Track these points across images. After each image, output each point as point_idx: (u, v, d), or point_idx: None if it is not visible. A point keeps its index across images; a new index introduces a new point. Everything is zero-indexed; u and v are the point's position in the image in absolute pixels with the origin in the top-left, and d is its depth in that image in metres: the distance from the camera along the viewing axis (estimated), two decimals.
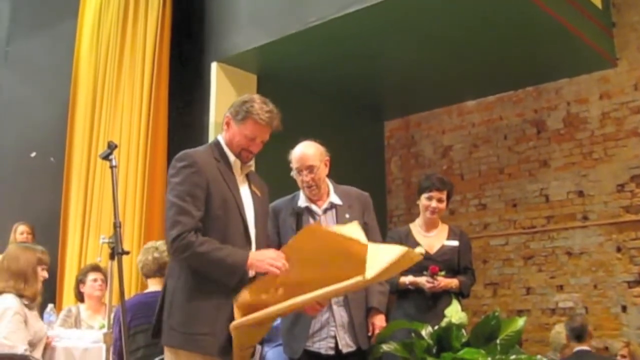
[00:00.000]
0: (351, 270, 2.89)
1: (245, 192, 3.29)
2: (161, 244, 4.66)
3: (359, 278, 2.84)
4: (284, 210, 4.03)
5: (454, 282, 4.72)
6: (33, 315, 4.49)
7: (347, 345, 3.81)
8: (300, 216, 3.90)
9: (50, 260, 7.14)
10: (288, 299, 3.00)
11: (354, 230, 3.08)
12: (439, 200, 4.82)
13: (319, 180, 3.93)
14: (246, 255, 3.05)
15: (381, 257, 2.89)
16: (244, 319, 2.98)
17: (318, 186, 3.94)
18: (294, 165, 3.96)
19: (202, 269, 3.05)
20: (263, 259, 3.04)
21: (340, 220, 3.93)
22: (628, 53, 7.69)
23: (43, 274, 4.63)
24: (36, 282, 4.50)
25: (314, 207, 3.98)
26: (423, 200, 4.86)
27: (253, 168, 3.44)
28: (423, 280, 4.65)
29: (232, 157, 3.30)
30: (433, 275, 4.63)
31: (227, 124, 3.33)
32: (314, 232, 3.19)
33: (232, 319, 3.07)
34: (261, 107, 3.27)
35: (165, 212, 3.14)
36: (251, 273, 3.10)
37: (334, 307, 3.83)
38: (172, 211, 3.07)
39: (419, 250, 3.12)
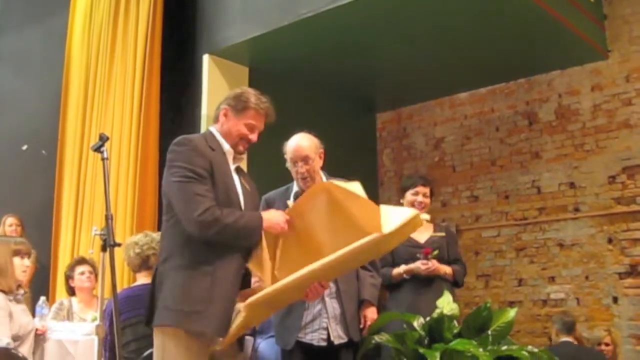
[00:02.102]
0: (361, 233, 2.95)
1: (237, 184, 3.30)
2: (140, 238, 4.64)
3: (375, 235, 2.89)
4: (278, 202, 4.02)
5: (448, 269, 4.77)
6: (20, 309, 4.48)
7: (338, 336, 3.81)
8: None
9: (43, 253, 7.22)
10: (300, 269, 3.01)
11: (358, 190, 3.17)
12: (425, 195, 4.92)
13: (314, 172, 3.92)
14: (259, 217, 3.16)
15: (394, 216, 2.94)
16: (259, 295, 2.96)
17: (312, 178, 3.93)
18: (288, 156, 3.94)
19: (230, 240, 3.09)
20: (276, 222, 3.17)
21: None
22: (620, 45, 7.70)
23: (24, 262, 4.63)
24: (11, 274, 4.50)
25: None
26: (409, 197, 4.93)
27: (244, 161, 3.45)
28: (418, 264, 4.69)
29: (226, 147, 3.31)
30: (427, 256, 4.67)
31: (225, 115, 3.35)
32: (319, 190, 3.28)
33: (226, 300, 3.07)
34: (258, 97, 3.37)
35: (174, 193, 3.10)
36: None
37: (327, 299, 3.82)
38: (186, 191, 3.05)
39: (424, 216, 3.18)
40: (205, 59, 7.31)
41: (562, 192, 7.95)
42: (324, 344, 3.80)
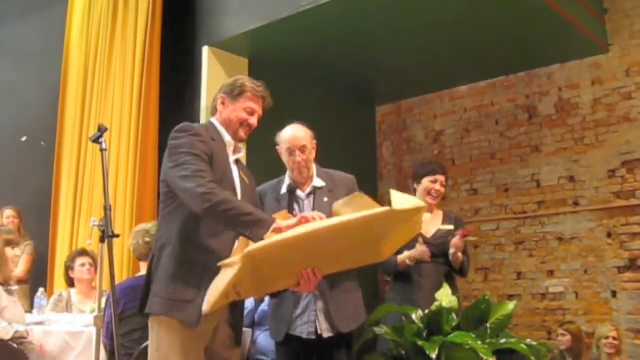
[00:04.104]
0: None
1: (236, 175, 3.30)
2: (152, 227, 4.64)
3: (386, 208, 2.80)
4: (270, 194, 4.01)
5: (461, 256, 4.68)
6: (11, 301, 4.47)
7: (327, 329, 3.78)
8: (293, 194, 3.88)
9: (41, 244, 7.21)
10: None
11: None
12: (442, 184, 4.83)
13: (310, 162, 3.93)
14: (271, 219, 2.92)
15: (403, 200, 2.88)
16: (261, 244, 2.80)
17: (308, 168, 3.93)
18: (284, 146, 3.91)
19: (230, 221, 2.95)
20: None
21: (317, 203, 3.90)
22: (620, 39, 7.68)
23: (15, 252, 4.61)
24: (6, 265, 4.49)
25: (298, 191, 3.96)
26: (426, 183, 4.82)
27: (243, 153, 3.44)
28: (422, 249, 4.57)
29: (227, 138, 3.32)
30: (464, 237, 4.60)
31: (223, 103, 3.36)
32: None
33: None
34: (253, 82, 3.39)
35: (175, 175, 3.04)
36: None
37: (315, 292, 3.78)
38: (188, 169, 3.00)
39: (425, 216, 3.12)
40: (205, 50, 7.30)
41: (562, 186, 7.94)
42: (312, 337, 3.78)
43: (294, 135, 3.91)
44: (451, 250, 4.61)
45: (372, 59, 8.03)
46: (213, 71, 7.25)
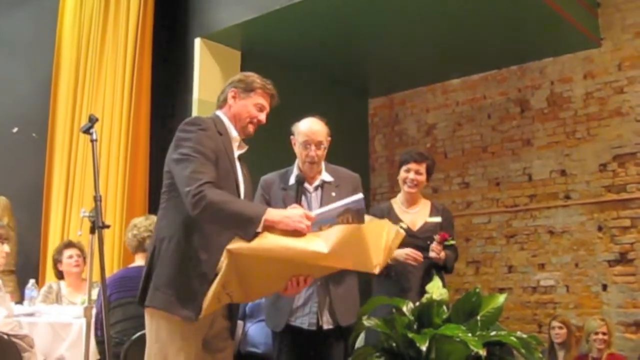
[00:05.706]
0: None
1: (239, 172, 3.30)
2: (141, 221, 4.68)
3: (373, 266, 2.94)
4: (277, 183, 4.01)
5: (442, 254, 4.66)
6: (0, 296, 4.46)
7: (328, 321, 3.81)
8: (301, 185, 3.89)
9: (33, 235, 7.17)
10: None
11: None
12: (417, 173, 4.72)
13: (322, 158, 3.94)
14: (262, 209, 2.92)
15: (378, 246, 2.96)
16: (245, 245, 2.82)
17: (318, 164, 3.95)
18: (301, 138, 3.91)
19: (221, 222, 2.97)
20: (289, 215, 2.90)
21: (325, 197, 3.92)
22: (612, 33, 7.70)
23: (3, 248, 4.58)
24: None
25: (306, 184, 3.97)
26: (401, 173, 4.78)
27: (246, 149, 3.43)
28: (404, 252, 4.54)
29: (234, 133, 3.31)
30: (442, 242, 4.53)
31: (234, 97, 3.35)
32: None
33: None
34: (262, 79, 3.42)
35: (177, 170, 3.03)
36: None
37: (317, 284, 3.81)
38: (188, 167, 2.98)
39: (401, 231, 3.13)
40: (197, 42, 7.29)
41: (553, 180, 7.96)
42: (313, 328, 3.80)
43: (313, 129, 3.91)
44: (431, 254, 4.57)
45: (365, 52, 8.04)
46: (205, 63, 7.24)
